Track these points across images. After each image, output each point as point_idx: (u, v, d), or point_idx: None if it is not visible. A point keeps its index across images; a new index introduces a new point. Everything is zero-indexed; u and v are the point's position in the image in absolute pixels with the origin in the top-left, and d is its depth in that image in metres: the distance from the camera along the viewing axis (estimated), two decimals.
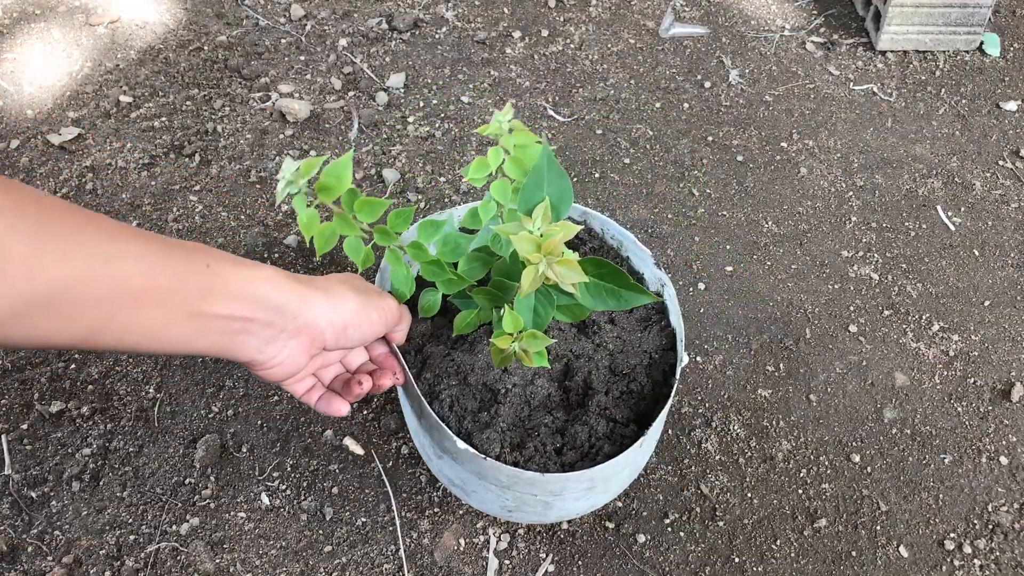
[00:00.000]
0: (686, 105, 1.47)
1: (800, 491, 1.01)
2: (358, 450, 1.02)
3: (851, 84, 1.53)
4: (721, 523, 0.98)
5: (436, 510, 0.97)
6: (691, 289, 1.20)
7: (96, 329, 0.49)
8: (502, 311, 0.69)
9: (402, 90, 1.46)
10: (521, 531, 0.96)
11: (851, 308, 1.19)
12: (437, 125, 1.40)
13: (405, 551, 0.94)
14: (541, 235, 0.63)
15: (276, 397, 1.06)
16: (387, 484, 0.99)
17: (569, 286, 0.64)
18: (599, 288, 0.68)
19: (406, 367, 0.76)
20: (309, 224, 0.67)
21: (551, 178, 0.68)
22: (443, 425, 0.74)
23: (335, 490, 0.99)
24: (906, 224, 1.30)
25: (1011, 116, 1.48)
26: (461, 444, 0.73)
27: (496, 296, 0.74)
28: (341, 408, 0.73)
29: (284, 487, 0.99)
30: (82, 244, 0.47)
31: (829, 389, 1.10)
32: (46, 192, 0.56)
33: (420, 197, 1.29)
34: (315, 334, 0.62)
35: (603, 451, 0.78)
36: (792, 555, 0.96)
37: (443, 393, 0.79)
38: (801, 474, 1.02)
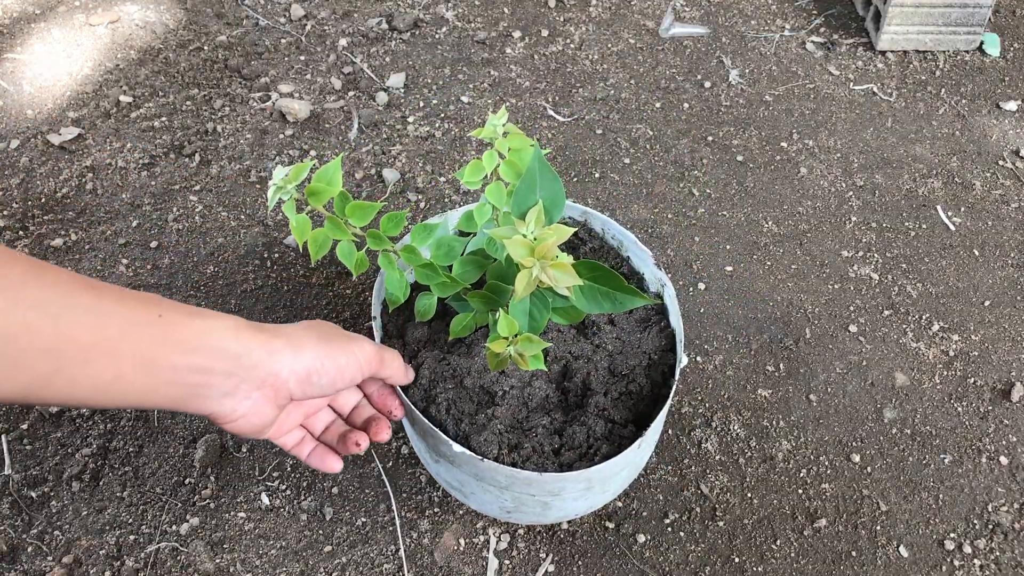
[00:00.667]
0: (686, 105, 1.47)
1: (800, 491, 1.01)
2: None
3: (851, 84, 1.52)
4: (721, 523, 0.98)
5: (436, 510, 0.97)
6: (691, 289, 1.20)
7: (40, 383, 0.47)
8: (497, 314, 0.69)
9: (402, 90, 1.46)
10: (521, 531, 0.96)
11: (851, 308, 1.19)
12: (437, 125, 1.41)
13: (405, 551, 0.94)
14: (535, 239, 0.63)
15: None
16: (387, 484, 0.99)
17: (563, 289, 0.64)
18: (594, 291, 0.68)
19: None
20: (301, 230, 0.67)
21: (543, 181, 0.68)
22: (437, 431, 0.74)
23: (335, 490, 0.99)
24: (906, 224, 1.30)
25: (1011, 116, 1.48)
26: (457, 448, 0.73)
27: (492, 299, 0.74)
28: (335, 465, 0.70)
29: (284, 487, 0.99)
30: (26, 294, 0.45)
31: (829, 389, 1.10)
32: None
33: (420, 197, 1.29)
34: (278, 384, 0.59)
35: (601, 452, 0.78)
36: (792, 555, 0.96)
37: (439, 396, 0.79)
38: (801, 474, 1.02)
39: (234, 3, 1.61)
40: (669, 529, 0.97)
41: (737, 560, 0.95)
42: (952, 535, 0.98)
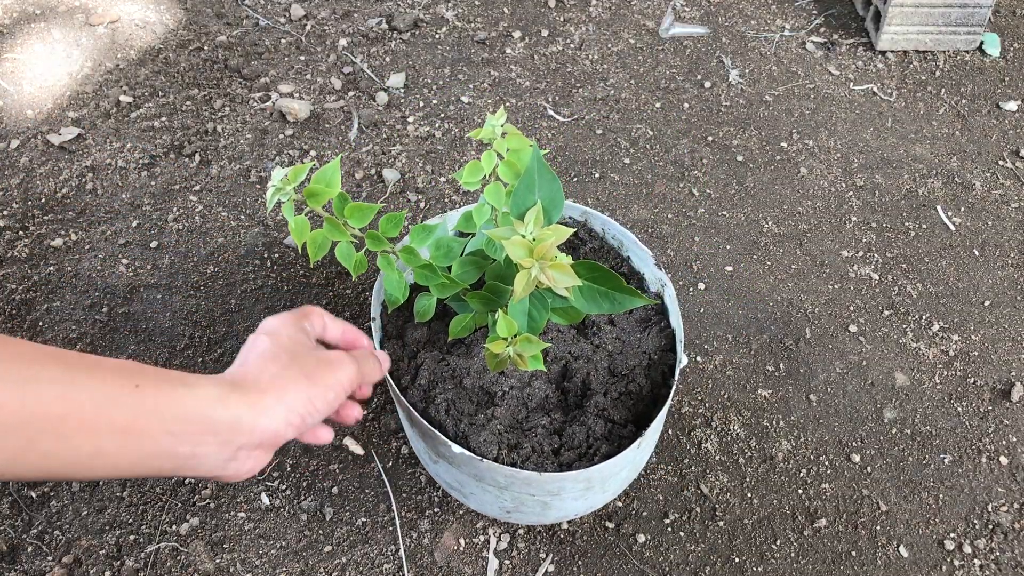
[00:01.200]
0: (686, 105, 1.47)
1: (800, 491, 1.01)
2: (358, 450, 1.02)
3: (851, 84, 1.52)
4: (721, 523, 0.98)
5: (436, 510, 0.97)
6: (691, 289, 1.20)
7: (9, 459, 0.45)
8: (496, 315, 0.69)
9: (402, 90, 1.46)
10: (521, 531, 0.96)
11: (851, 308, 1.19)
12: (437, 125, 1.40)
13: (405, 551, 0.94)
14: (533, 239, 0.63)
15: None
16: (387, 484, 0.99)
17: (562, 290, 0.64)
18: (592, 291, 0.68)
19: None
20: (300, 231, 0.67)
21: (542, 182, 0.68)
22: (436, 432, 0.74)
23: (335, 490, 0.99)
24: (906, 224, 1.30)
25: (1011, 116, 1.48)
26: (456, 449, 0.73)
27: (491, 300, 0.74)
28: (326, 436, 0.68)
29: (284, 487, 0.99)
30: None
31: (829, 389, 1.10)
32: None
33: (420, 197, 1.29)
34: (276, 439, 0.57)
35: (600, 451, 0.78)
36: (792, 555, 0.96)
37: (439, 397, 0.79)
38: (801, 474, 1.02)
39: (234, 3, 1.61)
40: (669, 529, 0.97)
41: (737, 560, 0.95)
42: (952, 535, 0.98)
